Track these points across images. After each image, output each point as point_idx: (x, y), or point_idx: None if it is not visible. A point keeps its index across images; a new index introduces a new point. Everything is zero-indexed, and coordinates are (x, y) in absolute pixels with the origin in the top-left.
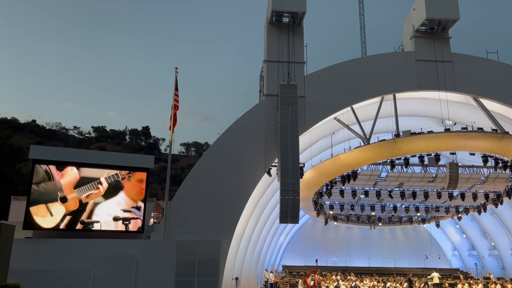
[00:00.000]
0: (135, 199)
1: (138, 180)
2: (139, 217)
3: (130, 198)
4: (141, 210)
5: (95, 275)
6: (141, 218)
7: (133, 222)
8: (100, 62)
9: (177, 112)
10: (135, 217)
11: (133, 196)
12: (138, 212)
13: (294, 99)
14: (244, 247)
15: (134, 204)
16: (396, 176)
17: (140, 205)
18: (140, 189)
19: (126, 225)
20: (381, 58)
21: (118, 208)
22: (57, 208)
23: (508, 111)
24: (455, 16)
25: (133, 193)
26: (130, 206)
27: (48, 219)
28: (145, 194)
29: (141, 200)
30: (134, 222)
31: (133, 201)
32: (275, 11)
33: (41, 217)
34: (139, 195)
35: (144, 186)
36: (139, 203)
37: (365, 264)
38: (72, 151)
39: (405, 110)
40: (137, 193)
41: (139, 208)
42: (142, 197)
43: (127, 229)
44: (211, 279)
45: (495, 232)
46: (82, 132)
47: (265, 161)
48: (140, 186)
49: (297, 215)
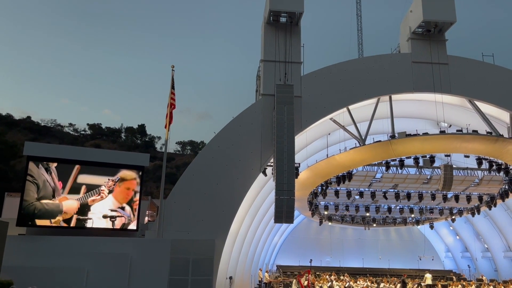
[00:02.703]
0: (121, 202)
1: (126, 187)
2: (123, 215)
3: (117, 201)
4: (125, 210)
5: (88, 273)
6: (125, 216)
7: (118, 219)
8: (95, 59)
9: (173, 110)
10: (120, 215)
11: (119, 199)
12: (122, 211)
13: (291, 99)
14: (238, 246)
15: (119, 205)
16: (391, 177)
17: (124, 206)
18: (126, 195)
19: (113, 222)
20: (377, 59)
21: (107, 208)
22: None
23: (502, 114)
24: (452, 18)
25: (120, 197)
26: (116, 206)
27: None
28: (131, 197)
29: (126, 202)
30: (119, 219)
31: (119, 203)
32: (273, 11)
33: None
34: (124, 199)
35: (131, 193)
36: (124, 204)
37: (359, 264)
38: (67, 148)
39: (400, 111)
40: (123, 197)
41: (124, 208)
42: (127, 200)
43: (113, 226)
44: (205, 278)
45: (488, 234)
46: (77, 129)
47: (261, 160)
48: (127, 193)
49: (292, 215)
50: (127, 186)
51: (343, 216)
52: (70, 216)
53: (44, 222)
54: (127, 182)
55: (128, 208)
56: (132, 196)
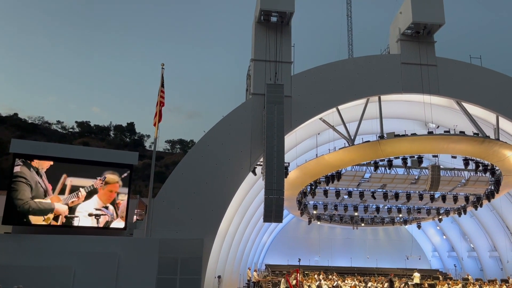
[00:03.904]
0: (105, 202)
1: (109, 190)
2: (106, 214)
3: (101, 201)
4: (109, 209)
5: (75, 272)
6: (108, 215)
7: (102, 217)
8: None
9: (162, 109)
10: (104, 213)
11: (103, 200)
12: (106, 210)
13: (281, 99)
14: (227, 245)
15: (103, 205)
16: (380, 177)
17: (108, 206)
18: (110, 196)
19: (97, 220)
20: (367, 60)
21: (92, 207)
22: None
23: (489, 116)
24: (441, 20)
25: (104, 198)
26: (101, 206)
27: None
28: (114, 198)
29: (109, 203)
30: (103, 217)
31: (103, 203)
32: (264, 10)
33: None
34: (108, 200)
35: (114, 195)
36: (108, 204)
37: (347, 264)
38: (54, 146)
39: (389, 112)
40: (107, 198)
41: (107, 208)
42: (110, 201)
43: (98, 223)
44: (194, 277)
45: (474, 234)
46: (65, 127)
47: (250, 160)
48: (110, 194)
49: (281, 214)
50: (110, 189)
51: (331, 216)
52: (59, 214)
53: (37, 219)
54: (110, 185)
55: (111, 207)
56: (115, 198)
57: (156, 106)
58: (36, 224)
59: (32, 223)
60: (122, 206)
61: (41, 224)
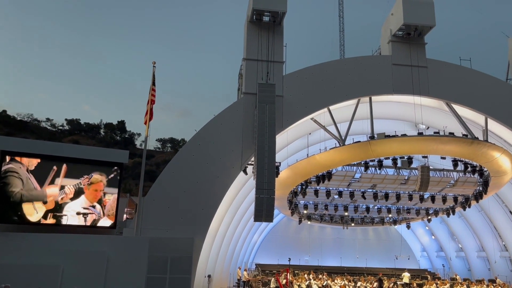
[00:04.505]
0: (92, 201)
1: (94, 189)
2: (93, 212)
3: (88, 200)
4: (96, 208)
5: (63, 270)
6: (95, 214)
7: (90, 216)
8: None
9: (153, 107)
10: (91, 212)
11: (90, 199)
12: (93, 209)
13: (272, 98)
14: (217, 244)
15: (91, 204)
16: (370, 178)
17: (95, 205)
18: (95, 196)
19: (85, 218)
20: (358, 61)
21: (80, 206)
22: (40, 205)
23: (478, 117)
24: (431, 22)
25: (90, 197)
26: (88, 205)
27: (34, 215)
28: (100, 197)
29: (96, 202)
30: (90, 216)
31: (90, 202)
32: (256, 10)
33: (29, 215)
34: (94, 199)
35: (99, 194)
36: (95, 203)
37: (337, 263)
38: (43, 144)
39: (380, 113)
40: (93, 198)
41: (94, 207)
42: (97, 200)
43: (85, 222)
44: (184, 276)
45: (462, 235)
46: (55, 125)
47: (241, 159)
48: (95, 194)
49: (272, 214)
50: (95, 188)
51: (322, 215)
52: (52, 207)
53: (30, 209)
54: (94, 185)
55: (98, 206)
56: (101, 196)
57: (147, 104)
58: (27, 222)
59: (25, 216)
60: (108, 205)
61: (32, 221)
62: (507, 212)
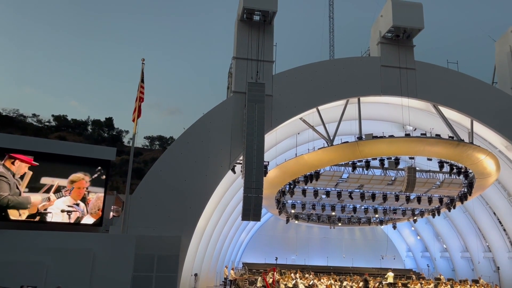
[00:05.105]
0: (76, 199)
1: (78, 187)
2: (77, 210)
3: (72, 199)
4: (80, 206)
5: (48, 268)
6: (79, 211)
7: (74, 213)
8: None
9: (142, 104)
10: (75, 210)
11: (74, 197)
12: (77, 207)
13: (262, 98)
14: (204, 243)
15: (75, 202)
16: (357, 178)
17: (79, 203)
18: (79, 193)
19: (69, 216)
20: (348, 61)
21: (64, 204)
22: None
23: (464, 120)
24: (420, 25)
25: (74, 195)
26: (72, 203)
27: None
28: (83, 195)
29: (79, 200)
30: (74, 213)
31: (74, 200)
32: (246, 9)
33: (14, 217)
34: (78, 197)
35: (83, 191)
36: (79, 201)
37: (323, 263)
38: (30, 140)
39: (368, 113)
40: (77, 196)
41: (78, 205)
42: (80, 198)
43: (69, 219)
44: (170, 275)
45: (447, 235)
46: (41, 120)
47: (230, 158)
48: (79, 191)
49: (259, 213)
50: (78, 186)
51: (309, 215)
52: (35, 212)
53: (14, 213)
54: (77, 183)
55: (82, 204)
56: (85, 195)
57: (136, 101)
58: (12, 220)
59: (10, 218)
60: (91, 204)
61: (17, 219)
62: (491, 214)
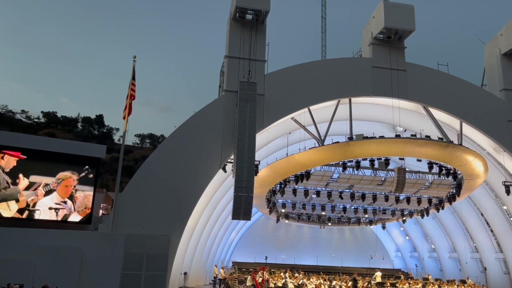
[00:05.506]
0: (63, 197)
1: (65, 185)
2: (64, 208)
3: (60, 196)
4: (67, 203)
5: (36, 266)
6: (66, 209)
7: (61, 211)
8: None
9: (133, 102)
10: (62, 208)
11: (61, 195)
12: (65, 204)
13: (253, 97)
14: (194, 242)
15: (62, 200)
16: (347, 178)
17: (66, 200)
18: (66, 191)
19: (56, 213)
20: (339, 62)
21: (52, 202)
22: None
23: (453, 121)
24: (411, 27)
25: (61, 193)
26: (59, 201)
27: (7, 212)
28: (71, 192)
29: (67, 197)
30: (62, 211)
31: (62, 198)
32: (239, 8)
33: (3, 210)
34: (65, 195)
35: (70, 189)
36: (66, 199)
37: (313, 262)
38: (19, 136)
39: (359, 114)
40: (64, 193)
41: (66, 202)
42: (68, 195)
43: (57, 216)
44: (159, 273)
45: (435, 236)
46: (30, 117)
47: (221, 157)
48: (66, 189)
49: (250, 212)
50: (65, 184)
51: (299, 214)
52: (24, 206)
53: (3, 206)
54: (64, 181)
55: (69, 202)
56: (72, 192)
57: (126, 99)
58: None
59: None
60: (78, 201)
61: (7, 216)
62: (479, 215)
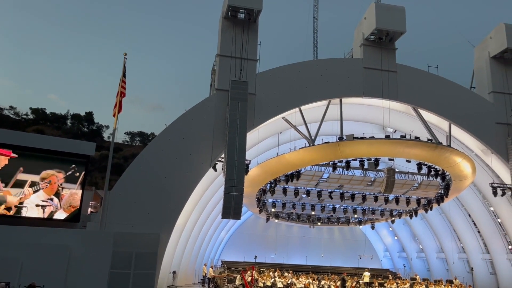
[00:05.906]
0: (49, 194)
1: (52, 183)
2: (51, 205)
3: (46, 193)
4: (54, 201)
5: (23, 264)
6: (53, 206)
7: (48, 208)
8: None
9: (123, 99)
10: (49, 205)
11: (48, 192)
12: (51, 202)
13: (245, 96)
14: (183, 241)
15: (48, 197)
16: (337, 178)
17: (53, 198)
18: (52, 189)
19: (43, 210)
20: (330, 62)
21: (39, 199)
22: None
23: (442, 123)
24: (402, 29)
25: (48, 191)
26: (46, 198)
27: None
28: (56, 190)
29: (53, 194)
30: (48, 208)
31: (48, 195)
32: (231, 6)
33: None
34: (51, 192)
35: (55, 187)
36: (52, 196)
37: (302, 262)
38: (7, 133)
39: (350, 114)
40: (50, 191)
41: (52, 199)
42: (54, 193)
43: (44, 213)
44: (148, 272)
45: (423, 236)
46: (18, 113)
47: (212, 155)
48: (52, 187)
49: (240, 211)
50: (52, 181)
51: (289, 214)
52: (10, 207)
53: None
54: (49, 177)
55: (56, 199)
56: (58, 190)
57: (117, 96)
58: None
59: None
60: (65, 199)
61: None
62: (466, 216)
